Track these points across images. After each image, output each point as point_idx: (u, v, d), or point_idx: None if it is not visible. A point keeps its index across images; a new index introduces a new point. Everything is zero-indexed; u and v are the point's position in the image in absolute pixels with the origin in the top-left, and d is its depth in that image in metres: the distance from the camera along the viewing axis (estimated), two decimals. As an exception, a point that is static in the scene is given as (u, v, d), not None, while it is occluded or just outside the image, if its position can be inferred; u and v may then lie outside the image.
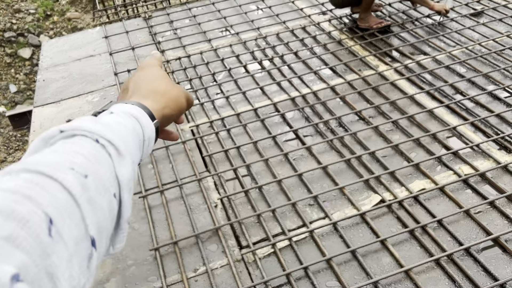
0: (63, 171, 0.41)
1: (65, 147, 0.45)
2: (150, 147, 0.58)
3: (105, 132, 0.48)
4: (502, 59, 2.86)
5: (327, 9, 3.75)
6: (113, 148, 0.48)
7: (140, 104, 0.57)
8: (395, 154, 2.28)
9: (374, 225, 1.90)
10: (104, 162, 0.46)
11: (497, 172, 2.10)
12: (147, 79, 0.64)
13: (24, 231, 0.33)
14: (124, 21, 4.06)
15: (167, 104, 0.61)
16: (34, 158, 0.42)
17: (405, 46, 3.14)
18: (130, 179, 0.50)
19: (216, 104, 2.81)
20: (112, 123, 0.51)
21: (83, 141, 0.47)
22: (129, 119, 0.53)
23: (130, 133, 0.52)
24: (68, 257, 0.37)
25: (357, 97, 2.74)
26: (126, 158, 0.49)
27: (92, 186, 0.43)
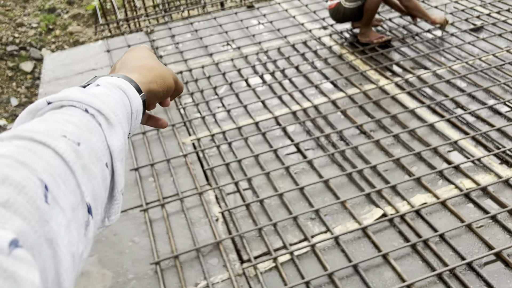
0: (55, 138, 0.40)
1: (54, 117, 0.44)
2: (138, 120, 0.56)
3: (94, 102, 0.47)
4: (502, 74, 2.87)
5: (328, 24, 3.78)
6: (103, 117, 0.47)
7: (126, 77, 0.56)
8: (396, 168, 2.28)
9: (376, 239, 1.90)
10: (95, 131, 0.45)
11: (499, 186, 2.09)
12: (134, 57, 0.63)
13: (20, 196, 0.32)
14: (126, 35, 4.09)
15: (154, 79, 0.59)
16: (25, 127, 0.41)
17: (406, 60, 3.16)
18: (122, 149, 0.49)
19: (217, 117, 2.82)
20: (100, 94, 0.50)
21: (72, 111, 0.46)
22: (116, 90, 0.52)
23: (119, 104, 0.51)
24: (66, 223, 0.36)
25: (358, 111, 2.75)
26: (117, 128, 0.48)
27: (85, 153, 0.42)
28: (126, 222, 2.16)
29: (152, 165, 2.47)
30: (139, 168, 2.46)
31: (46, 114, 0.45)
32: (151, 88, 0.59)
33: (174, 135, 2.71)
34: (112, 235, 2.10)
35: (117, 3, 6.53)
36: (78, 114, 0.45)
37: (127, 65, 0.60)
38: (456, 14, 3.65)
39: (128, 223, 2.16)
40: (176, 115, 2.89)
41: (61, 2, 7.45)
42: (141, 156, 2.58)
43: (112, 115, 0.48)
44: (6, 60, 6.87)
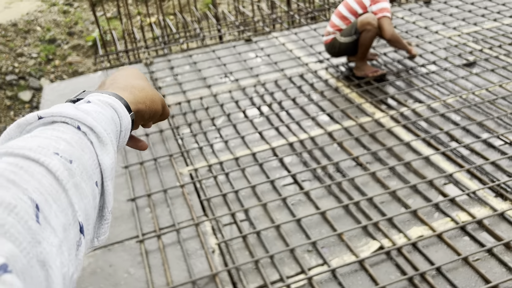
0: (48, 156, 0.39)
1: (46, 133, 0.43)
2: (126, 138, 0.55)
3: (86, 119, 0.46)
4: (495, 108, 2.93)
5: (324, 58, 3.86)
6: (95, 136, 0.47)
7: (116, 95, 0.55)
8: (392, 200, 2.29)
9: (373, 272, 1.89)
10: (86, 149, 0.45)
11: (494, 220, 2.10)
12: (126, 76, 0.62)
13: (11, 217, 0.31)
14: (126, 66, 4.16)
15: (143, 101, 0.59)
16: (16, 143, 0.40)
17: (401, 94, 3.22)
18: (113, 168, 0.48)
19: (215, 148, 2.84)
20: (92, 112, 0.49)
21: (64, 127, 0.45)
22: (107, 108, 0.51)
23: (109, 122, 0.50)
24: (58, 243, 0.35)
25: (354, 143, 2.78)
26: (108, 147, 0.48)
27: (77, 172, 0.41)
28: (122, 253, 2.15)
29: (149, 195, 2.47)
30: (136, 198, 2.46)
31: (37, 130, 0.44)
32: (139, 108, 0.58)
33: (172, 165, 2.72)
34: (107, 266, 2.08)
35: (117, 34, 6.65)
36: (70, 131, 0.45)
37: (118, 83, 0.60)
38: (450, 50, 3.74)
39: (123, 254, 2.14)
40: (173, 145, 2.91)
41: (61, 33, 7.58)
42: (138, 186, 2.58)
43: (104, 134, 0.47)
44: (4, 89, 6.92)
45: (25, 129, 0.45)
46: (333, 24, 3.46)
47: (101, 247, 2.19)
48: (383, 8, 3.27)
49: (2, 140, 0.45)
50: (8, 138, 0.45)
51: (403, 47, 3.34)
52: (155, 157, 2.77)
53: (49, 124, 0.45)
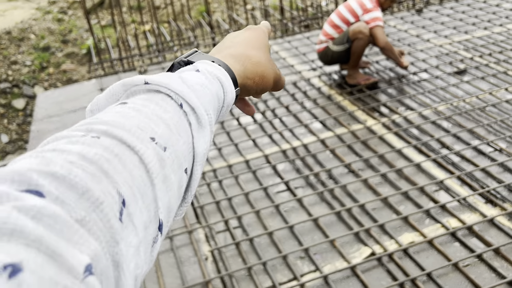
0: (144, 142, 0.38)
1: (148, 107, 0.42)
2: (226, 114, 0.53)
3: (190, 97, 0.44)
4: (485, 116, 2.97)
5: (317, 66, 3.90)
6: (195, 117, 0.45)
7: (226, 66, 0.52)
8: (384, 207, 2.31)
9: (365, 278, 1.91)
10: (183, 133, 0.43)
11: (484, 226, 2.13)
12: (246, 40, 0.58)
13: (95, 213, 0.31)
14: (120, 74, 4.17)
15: (253, 76, 0.55)
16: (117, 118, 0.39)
17: (392, 101, 3.25)
18: (206, 152, 0.46)
19: (208, 155, 2.85)
20: (198, 86, 0.47)
21: (166, 103, 0.43)
22: (214, 82, 0.49)
23: (213, 98, 0.48)
24: (136, 243, 0.34)
25: (347, 150, 2.80)
26: (206, 129, 0.46)
27: (168, 161, 0.40)
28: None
29: (142, 202, 2.47)
30: (129, 205, 2.46)
31: (141, 97, 0.43)
32: (246, 83, 0.54)
33: (165, 173, 2.73)
34: (100, 274, 2.08)
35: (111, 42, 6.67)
36: (172, 109, 0.43)
37: (234, 48, 0.56)
38: (441, 58, 3.79)
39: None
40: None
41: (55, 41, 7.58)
42: (132, 193, 2.58)
43: (205, 116, 0.45)
44: (-2, 97, 6.91)
45: (130, 90, 0.44)
46: (326, 32, 3.50)
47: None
48: (375, 18, 3.31)
49: (107, 95, 0.45)
50: (112, 93, 0.45)
51: (395, 57, 3.38)
52: (148, 165, 2.77)
53: (153, 93, 0.44)
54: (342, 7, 3.47)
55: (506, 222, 2.14)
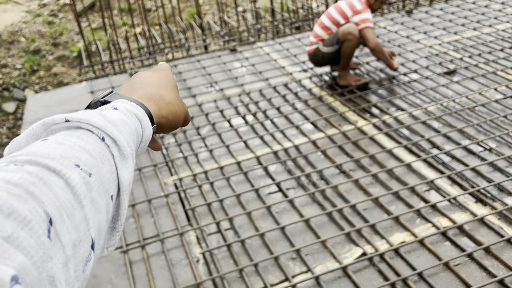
0: (69, 168, 0.39)
1: (70, 141, 0.43)
2: (144, 148, 0.56)
3: (112, 130, 0.46)
4: (475, 115, 2.98)
5: (308, 67, 3.90)
6: (117, 149, 0.47)
7: (142, 105, 0.55)
8: (375, 207, 2.32)
9: (356, 279, 1.91)
10: (106, 162, 0.45)
11: (474, 225, 2.14)
12: (157, 81, 0.62)
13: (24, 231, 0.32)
14: (111, 76, 4.16)
15: (167, 115, 0.59)
16: (40, 149, 0.41)
17: (383, 102, 3.26)
18: (131, 182, 0.48)
19: (199, 157, 2.85)
20: (118, 122, 0.49)
21: (88, 137, 0.45)
22: (132, 118, 0.52)
23: (133, 133, 0.51)
24: (64, 260, 0.36)
25: (338, 151, 2.81)
26: (129, 161, 0.48)
27: (95, 186, 0.42)
28: (106, 264, 2.14)
29: (133, 205, 2.46)
30: (120, 208, 2.44)
31: (62, 133, 0.44)
32: (161, 122, 0.58)
33: (156, 175, 2.72)
34: (91, 278, 2.06)
35: (103, 45, 6.64)
36: (94, 141, 0.45)
37: (147, 89, 0.59)
38: (431, 58, 3.81)
39: (107, 265, 2.13)
40: (158, 155, 2.91)
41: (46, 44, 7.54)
42: (123, 196, 2.57)
43: (126, 147, 0.47)
44: (-12, 100, 6.85)
45: (50, 128, 0.46)
46: (316, 34, 3.51)
47: (85, 258, 2.17)
48: (365, 19, 3.32)
49: (27, 135, 0.45)
50: (33, 134, 0.46)
51: (385, 59, 3.39)
52: (139, 167, 2.76)
53: (74, 129, 0.45)
54: (332, 9, 3.48)
55: (496, 221, 2.15)
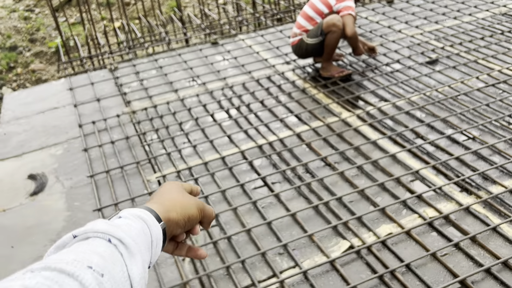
0: (82, 270, 0.43)
1: (82, 247, 0.48)
2: (159, 248, 0.59)
3: (116, 232, 0.51)
4: (458, 104, 2.99)
5: (290, 59, 3.87)
6: (124, 247, 0.50)
7: (147, 208, 0.61)
8: (361, 199, 2.31)
9: (344, 272, 1.89)
10: (117, 262, 0.48)
11: (460, 214, 2.14)
12: (162, 191, 0.69)
13: None
14: (90, 72, 4.07)
15: (173, 208, 0.64)
16: (54, 257, 0.45)
17: (366, 93, 3.25)
18: (141, 277, 0.51)
19: (183, 153, 2.80)
20: (122, 225, 0.54)
21: (96, 241, 0.49)
22: (137, 220, 0.56)
23: (139, 233, 0.55)
24: None
25: (322, 143, 2.79)
26: (137, 257, 0.51)
27: (108, 285, 0.45)
28: (89, 265, 2.09)
29: (116, 204, 2.41)
30: (102, 208, 2.39)
31: (74, 245, 0.49)
32: (170, 217, 0.62)
33: (139, 172, 2.67)
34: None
35: (81, 40, 6.51)
36: (102, 245, 0.49)
37: (154, 198, 0.67)
38: (413, 48, 3.81)
39: (91, 266, 2.08)
40: (140, 152, 2.86)
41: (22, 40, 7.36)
42: (105, 195, 2.52)
43: (132, 244, 0.51)
44: (-36, 99, 6.67)
45: (63, 249, 0.50)
46: (300, 25, 3.47)
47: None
48: (347, 7, 3.30)
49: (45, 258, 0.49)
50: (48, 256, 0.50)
51: (356, 46, 3.43)
52: (121, 165, 2.71)
53: (84, 240, 0.50)
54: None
55: (482, 210, 2.16)
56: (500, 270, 1.85)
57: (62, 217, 2.42)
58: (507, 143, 2.59)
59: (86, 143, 3.01)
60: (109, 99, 3.55)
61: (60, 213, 2.45)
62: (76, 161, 2.86)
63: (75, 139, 3.10)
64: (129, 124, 3.19)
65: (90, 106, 3.48)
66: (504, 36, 3.86)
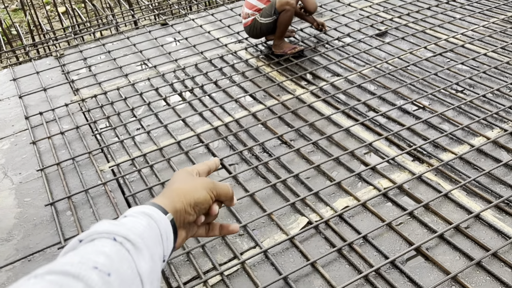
0: (87, 271, 0.43)
1: (87, 249, 0.47)
2: (170, 240, 0.60)
3: (120, 230, 0.51)
4: (407, 75, 3.05)
5: (242, 38, 3.82)
6: (130, 244, 0.50)
7: (151, 203, 0.61)
8: (318, 175, 2.33)
9: (304, 248, 1.91)
10: (124, 260, 0.48)
11: (413, 183, 2.20)
12: (169, 184, 0.69)
13: None
14: (34, 61, 3.88)
15: (178, 199, 0.64)
16: (60, 260, 0.45)
17: (319, 68, 3.26)
18: (150, 272, 0.51)
19: (136, 140, 2.73)
20: (127, 222, 0.54)
21: (102, 242, 0.49)
22: (142, 216, 0.57)
23: (146, 228, 0.55)
24: None
25: (278, 121, 2.78)
26: (144, 252, 0.51)
27: (115, 284, 0.45)
28: (44, 262, 2.02)
29: (69, 197, 2.33)
30: (54, 202, 2.31)
31: (79, 248, 0.48)
32: (176, 207, 0.63)
33: (91, 163, 2.59)
34: (28, 279, 1.94)
35: (24, 28, 6.19)
36: (108, 244, 0.49)
37: (163, 192, 0.67)
38: (362, 21, 3.84)
39: (45, 263, 2.01)
40: (92, 142, 2.76)
41: (-40, 30, 6.92)
42: (57, 189, 2.43)
43: (138, 240, 0.51)
44: None
45: None
46: (251, 5, 3.41)
47: (21, 259, 2.04)
48: None
49: None
50: None
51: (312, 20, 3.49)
52: (72, 156, 2.61)
53: (89, 242, 0.50)
54: (262, -24, 3.38)
55: (434, 177, 2.22)
56: (453, 235, 1.92)
57: (13, 214, 2.32)
58: (455, 111, 2.67)
59: (34, 136, 2.88)
60: (56, 88, 3.40)
61: (10, 210, 2.35)
62: (25, 155, 2.74)
63: (22, 132, 2.96)
64: (79, 113, 3.07)
65: (37, 96, 3.33)
66: (449, 5, 3.94)
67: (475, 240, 1.87)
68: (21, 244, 2.14)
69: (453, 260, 1.82)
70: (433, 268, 1.79)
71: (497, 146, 2.40)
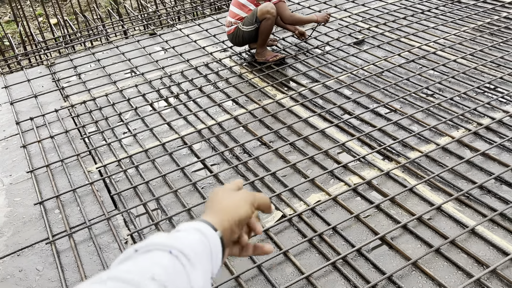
0: (147, 281, 0.45)
1: (144, 260, 0.49)
2: (218, 258, 0.61)
3: (176, 244, 0.53)
4: (381, 80, 3.21)
5: (227, 46, 3.97)
6: (185, 258, 0.52)
7: (203, 220, 0.63)
8: (293, 173, 2.47)
9: (278, 239, 2.04)
10: (179, 274, 0.50)
11: (381, 179, 2.35)
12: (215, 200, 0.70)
13: None
14: (26, 70, 4.00)
15: (226, 218, 0.65)
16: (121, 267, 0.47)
17: (299, 75, 3.41)
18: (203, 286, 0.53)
19: (123, 142, 2.86)
20: (181, 237, 0.56)
21: (158, 254, 0.51)
22: (194, 232, 0.59)
23: (198, 244, 0.56)
24: None
25: (258, 124, 2.93)
26: (197, 267, 0.53)
27: None
28: (33, 257, 2.13)
29: (57, 196, 2.45)
30: (43, 201, 2.43)
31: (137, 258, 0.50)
32: (224, 226, 0.64)
33: (80, 164, 2.71)
34: (17, 272, 2.06)
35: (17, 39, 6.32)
36: (164, 257, 0.51)
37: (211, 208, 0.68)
38: (341, 30, 4.01)
39: (34, 258, 2.13)
40: (80, 145, 2.89)
41: (-47, 41, 7.03)
42: (46, 189, 2.55)
43: (192, 254, 0.53)
44: None
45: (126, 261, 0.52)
46: (234, 14, 3.57)
47: (10, 254, 2.15)
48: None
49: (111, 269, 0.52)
50: None
51: (309, 20, 3.57)
52: (61, 159, 2.73)
53: (145, 253, 0.51)
54: (244, -13, 3.55)
55: (401, 174, 2.37)
56: (416, 225, 2.06)
57: (3, 213, 2.43)
58: (424, 113, 2.83)
59: (25, 140, 3.00)
60: (47, 95, 3.53)
61: (0, 209, 2.46)
62: (15, 158, 2.86)
63: (13, 136, 3.08)
64: (68, 118, 3.20)
65: (28, 103, 3.45)
66: (424, 15, 4.13)
67: (436, 230, 2.01)
68: (11, 240, 2.25)
69: (414, 248, 1.96)
70: (396, 255, 1.93)
71: (461, 145, 2.55)
